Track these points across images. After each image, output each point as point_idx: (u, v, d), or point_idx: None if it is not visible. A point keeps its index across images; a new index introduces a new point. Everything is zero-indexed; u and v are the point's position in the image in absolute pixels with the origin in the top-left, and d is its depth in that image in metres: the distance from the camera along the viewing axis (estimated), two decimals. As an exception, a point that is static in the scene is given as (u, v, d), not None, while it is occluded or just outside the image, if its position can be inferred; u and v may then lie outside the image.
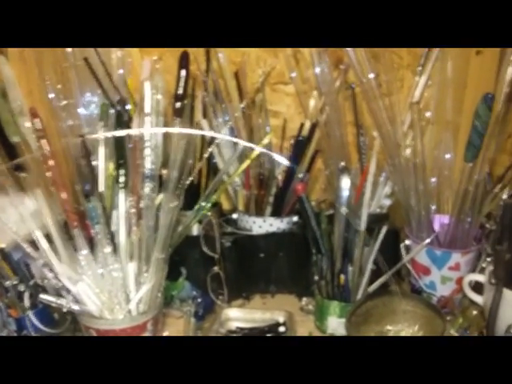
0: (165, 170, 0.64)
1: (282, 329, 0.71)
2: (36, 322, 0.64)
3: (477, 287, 0.72)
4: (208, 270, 0.77)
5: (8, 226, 0.59)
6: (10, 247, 0.65)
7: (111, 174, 0.64)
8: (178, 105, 0.64)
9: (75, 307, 0.60)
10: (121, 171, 0.63)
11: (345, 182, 0.67)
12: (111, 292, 0.62)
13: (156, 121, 0.61)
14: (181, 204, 0.65)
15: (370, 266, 0.69)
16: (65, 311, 0.61)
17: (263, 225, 0.80)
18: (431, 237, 0.72)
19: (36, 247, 0.60)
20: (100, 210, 0.60)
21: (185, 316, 0.72)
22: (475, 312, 0.72)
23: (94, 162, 0.65)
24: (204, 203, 0.71)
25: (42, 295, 0.59)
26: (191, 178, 0.69)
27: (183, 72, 0.65)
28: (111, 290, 0.62)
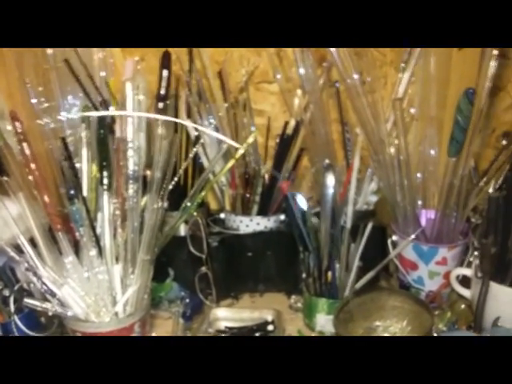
0: (148, 171, 0.63)
1: (271, 327, 0.71)
2: (22, 327, 0.63)
3: (464, 281, 0.73)
4: (196, 271, 0.77)
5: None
6: (-6, 252, 0.64)
7: (95, 176, 0.64)
8: (161, 105, 0.63)
9: (60, 311, 0.60)
10: (104, 173, 0.62)
11: (330, 180, 0.67)
12: (97, 295, 0.61)
13: (138, 121, 0.61)
14: (166, 205, 0.65)
15: (357, 263, 0.69)
16: (51, 315, 0.61)
17: (250, 224, 0.80)
18: (416, 232, 0.72)
19: (20, 251, 0.59)
20: (84, 213, 0.60)
21: (173, 317, 0.72)
22: (463, 306, 0.73)
23: (78, 165, 0.64)
24: (189, 203, 0.71)
25: (27, 299, 0.59)
26: (176, 179, 0.68)
27: (165, 72, 0.65)
28: (97, 293, 0.61)
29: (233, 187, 0.81)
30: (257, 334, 0.71)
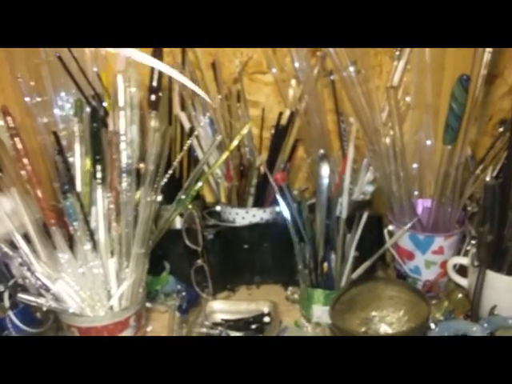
0: (142, 164, 0.63)
1: (267, 319, 0.71)
2: (17, 322, 0.63)
3: (461, 270, 0.73)
4: (192, 264, 0.76)
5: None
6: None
7: (88, 170, 0.64)
8: (153, 97, 0.63)
9: (55, 306, 0.59)
10: (98, 167, 0.62)
11: (324, 170, 0.67)
12: (92, 289, 0.61)
13: (131, 114, 0.61)
14: (159, 198, 0.65)
15: (353, 253, 0.69)
16: (46, 310, 0.61)
17: (246, 216, 0.80)
18: (413, 221, 0.72)
19: (14, 246, 0.59)
20: (78, 207, 0.60)
21: (169, 310, 0.72)
22: (460, 295, 0.72)
23: (71, 159, 0.64)
24: (184, 196, 0.70)
25: (21, 294, 0.59)
26: (171, 172, 0.68)
27: (157, 64, 0.64)
28: (92, 287, 0.61)
29: (228, 179, 0.81)
30: (253, 326, 0.70)
